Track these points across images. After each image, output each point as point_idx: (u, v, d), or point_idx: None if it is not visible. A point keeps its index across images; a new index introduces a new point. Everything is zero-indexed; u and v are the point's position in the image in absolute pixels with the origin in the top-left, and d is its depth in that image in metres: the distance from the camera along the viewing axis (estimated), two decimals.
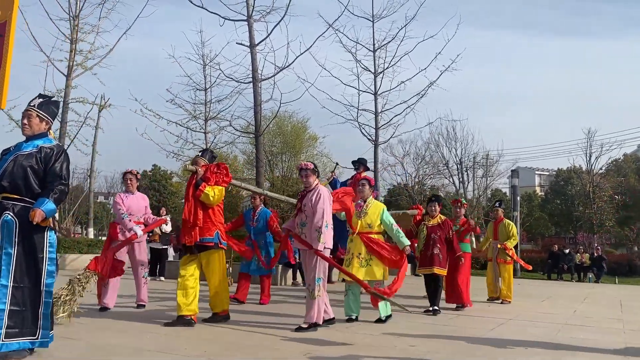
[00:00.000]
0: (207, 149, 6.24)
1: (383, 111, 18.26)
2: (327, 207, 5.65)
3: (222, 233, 5.90)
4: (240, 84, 16.13)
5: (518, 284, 14.69)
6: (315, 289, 5.54)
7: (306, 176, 5.82)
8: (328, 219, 5.63)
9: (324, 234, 5.53)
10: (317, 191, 5.70)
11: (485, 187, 34.02)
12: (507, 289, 9.06)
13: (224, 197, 5.98)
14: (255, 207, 8.31)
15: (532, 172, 58.57)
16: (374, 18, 18.09)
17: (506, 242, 9.16)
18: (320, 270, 5.59)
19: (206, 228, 5.77)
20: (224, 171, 5.93)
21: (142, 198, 7.25)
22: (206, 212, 5.81)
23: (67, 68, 16.55)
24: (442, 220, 7.60)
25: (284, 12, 14.70)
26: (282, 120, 30.48)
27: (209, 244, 5.78)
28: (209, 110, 19.05)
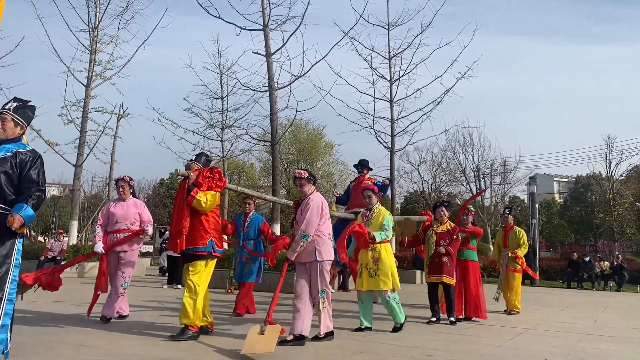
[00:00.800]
0: (201, 153, 6.01)
1: (399, 118, 18.25)
2: (314, 218, 5.39)
3: (217, 241, 5.58)
4: (257, 92, 16.27)
5: (537, 292, 14.52)
6: (320, 302, 5.42)
7: (300, 185, 5.62)
8: (309, 230, 5.35)
9: (297, 243, 5.34)
10: (307, 201, 5.50)
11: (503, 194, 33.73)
12: (515, 299, 8.79)
13: (218, 202, 5.72)
14: (247, 212, 7.93)
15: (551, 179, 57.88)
16: (390, 26, 18.13)
17: (517, 250, 8.89)
18: (322, 283, 5.44)
19: (199, 236, 5.45)
20: (217, 175, 5.61)
21: (133, 205, 6.82)
22: (198, 219, 5.50)
23: (86, 78, 16.84)
24: (452, 226, 7.41)
25: (300, 21, 14.80)
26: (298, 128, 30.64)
27: (201, 253, 5.45)
28: (225, 119, 19.25)
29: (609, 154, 32.96)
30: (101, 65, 17.14)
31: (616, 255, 22.83)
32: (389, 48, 18.21)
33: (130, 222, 6.69)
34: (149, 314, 7.27)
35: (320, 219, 5.46)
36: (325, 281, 5.45)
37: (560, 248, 39.93)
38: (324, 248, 5.46)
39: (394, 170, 18.49)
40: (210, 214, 5.58)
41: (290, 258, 5.40)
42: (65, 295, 7.05)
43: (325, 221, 5.55)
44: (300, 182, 5.61)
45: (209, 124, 19.16)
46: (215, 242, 5.54)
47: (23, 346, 4.61)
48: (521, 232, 9.11)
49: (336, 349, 5.11)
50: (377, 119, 18.23)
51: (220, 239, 5.70)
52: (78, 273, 14.34)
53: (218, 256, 5.61)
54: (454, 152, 31.84)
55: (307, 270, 5.49)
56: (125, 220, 6.64)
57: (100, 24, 17.11)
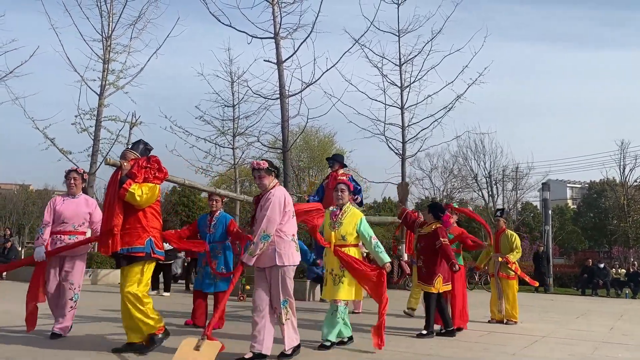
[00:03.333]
0: (139, 141, 5.21)
1: (410, 125, 18.19)
2: (275, 216, 4.71)
3: (157, 241, 4.89)
4: (268, 100, 16.34)
5: (551, 299, 14.38)
6: (283, 313, 4.75)
7: (259, 178, 4.88)
8: (270, 230, 4.67)
9: (255, 245, 4.64)
10: (268, 196, 4.79)
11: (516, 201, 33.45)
12: (511, 308, 8.22)
13: (158, 197, 4.99)
14: (213, 210, 6.99)
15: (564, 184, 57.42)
16: (400, 33, 18.12)
17: (508, 255, 8.31)
18: (285, 292, 4.76)
19: (136, 235, 4.77)
20: (156, 165, 4.91)
21: (85, 203, 5.86)
22: (135, 216, 4.81)
23: (99, 87, 17.02)
24: (434, 228, 6.68)
25: (311, 29, 14.84)
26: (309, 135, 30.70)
27: (137, 255, 4.76)
28: (237, 126, 19.34)
29: (622, 159, 32.57)
30: (114, 74, 17.33)
31: (631, 262, 22.55)
32: (399, 55, 18.21)
33: (79, 223, 5.77)
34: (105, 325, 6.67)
35: (282, 217, 4.77)
36: (288, 289, 4.79)
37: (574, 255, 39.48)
38: (287, 251, 4.77)
39: (405, 177, 18.43)
40: (149, 210, 4.91)
41: (246, 262, 4.68)
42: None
43: (289, 220, 4.87)
44: (259, 174, 4.88)
45: (220, 132, 19.26)
46: (155, 242, 4.87)
47: None
48: (514, 236, 8.56)
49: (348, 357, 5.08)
50: (388, 125, 18.20)
51: (160, 240, 5.00)
52: (91, 280, 14.42)
53: (158, 259, 4.97)
54: (465, 159, 31.67)
55: (266, 277, 4.83)
56: (73, 220, 5.72)
57: (114, 33, 17.31)
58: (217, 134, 19.13)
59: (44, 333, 5.61)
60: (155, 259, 4.92)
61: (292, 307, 4.83)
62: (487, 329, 7.46)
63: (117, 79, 17.34)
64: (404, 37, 18.17)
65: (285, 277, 4.77)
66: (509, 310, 8.23)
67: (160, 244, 4.96)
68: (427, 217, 6.84)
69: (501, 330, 7.43)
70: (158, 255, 4.91)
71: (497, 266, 8.41)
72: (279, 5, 15.17)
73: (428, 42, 17.80)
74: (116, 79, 17.33)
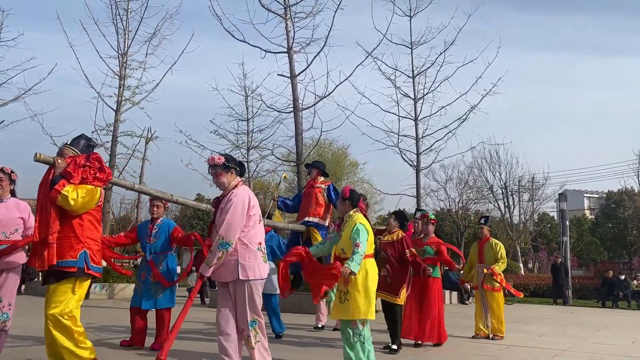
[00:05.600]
0: (81, 136, 4.47)
1: (424, 136, 18.15)
2: (237, 220, 4.07)
3: (93, 254, 4.12)
4: (282, 113, 16.39)
5: (570, 312, 14.15)
6: (251, 335, 4.09)
7: (216, 175, 4.27)
8: (230, 237, 4.02)
9: (213, 254, 4.01)
10: (229, 197, 4.18)
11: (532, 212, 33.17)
12: (497, 322, 7.69)
13: (100, 201, 4.21)
14: (154, 217, 6.18)
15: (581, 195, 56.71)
16: (413, 45, 18.15)
17: (493, 266, 7.75)
18: (252, 310, 4.10)
19: (67, 246, 4.02)
20: (96, 164, 4.16)
21: (15, 207, 4.81)
22: (68, 224, 4.06)
23: (116, 103, 17.22)
24: (399, 237, 6.31)
25: (324, 43, 14.91)
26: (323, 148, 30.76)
27: (68, 269, 3.99)
28: (251, 140, 19.44)
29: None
30: (130, 90, 17.52)
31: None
32: (412, 67, 18.22)
33: (11, 230, 4.70)
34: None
35: (247, 222, 4.13)
36: (256, 308, 4.13)
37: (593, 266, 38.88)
38: (252, 263, 4.09)
39: (420, 188, 18.35)
40: (86, 218, 4.15)
41: (202, 273, 4.07)
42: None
43: (254, 225, 4.19)
44: (214, 172, 4.26)
45: (234, 145, 19.39)
46: (91, 256, 4.11)
47: None
48: (498, 245, 8.01)
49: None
50: (402, 137, 18.17)
51: (99, 253, 4.22)
52: (108, 295, 14.50)
53: (94, 275, 4.17)
54: (480, 169, 31.56)
55: (229, 294, 4.19)
56: (4, 227, 4.65)
57: (129, 50, 17.53)
58: (232, 147, 19.25)
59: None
60: (90, 276, 4.14)
61: (262, 327, 4.17)
62: (505, 342, 7.34)
63: (133, 94, 17.55)
64: (416, 49, 18.20)
65: (252, 294, 4.10)
66: (495, 325, 7.71)
67: (97, 258, 4.18)
68: (392, 224, 6.44)
69: (519, 343, 7.31)
70: (93, 272, 4.12)
71: (482, 278, 7.87)
72: (292, 20, 15.29)
73: (441, 54, 17.82)
74: (132, 95, 17.54)
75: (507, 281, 8.40)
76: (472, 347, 6.93)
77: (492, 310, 7.76)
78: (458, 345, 7.07)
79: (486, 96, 17.77)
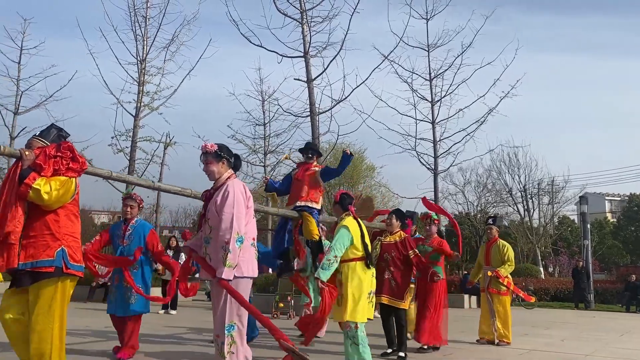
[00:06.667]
0: (51, 125, 4.15)
1: (442, 139, 18.07)
2: (241, 210, 3.78)
3: (72, 251, 3.75)
4: (298, 117, 16.46)
5: (593, 316, 13.91)
6: (225, 342, 3.65)
7: (207, 164, 3.94)
8: (240, 229, 3.72)
9: (233, 253, 3.65)
10: (224, 189, 3.85)
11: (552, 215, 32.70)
12: (503, 327, 7.43)
13: (76, 194, 3.84)
14: (127, 218, 5.77)
15: (602, 197, 55.86)
16: (429, 48, 18.11)
17: (499, 269, 7.51)
18: (232, 313, 3.71)
19: (42, 245, 3.66)
20: (68, 153, 3.81)
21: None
22: (42, 220, 3.70)
23: (135, 109, 17.45)
24: (402, 237, 6.09)
25: (340, 46, 14.93)
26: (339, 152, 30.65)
27: (44, 270, 3.61)
28: (268, 144, 19.57)
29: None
30: (149, 96, 17.74)
31: None
32: (429, 69, 18.18)
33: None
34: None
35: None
36: (239, 309, 3.71)
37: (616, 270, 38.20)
38: (246, 258, 3.83)
39: (437, 192, 18.25)
40: (62, 212, 3.78)
41: (226, 278, 3.65)
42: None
43: (250, 220, 3.94)
44: (205, 159, 3.95)
45: (252, 150, 19.54)
46: (70, 253, 3.73)
47: None
48: (506, 247, 7.73)
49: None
50: (420, 140, 18.13)
51: (79, 250, 3.87)
52: None
53: (75, 275, 3.77)
54: (499, 172, 31.22)
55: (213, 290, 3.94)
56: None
57: (148, 56, 17.76)
58: (249, 152, 19.41)
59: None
60: (71, 275, 3.72)
61: (242, 336, 3.73)
62: (526, 347, 7.24)
63: (151, 100, 17.77)
64: (433, 52, 18.16)
65: (236, 292, 3.69)
66: (501, 330, 7.43)
67: (77, 256, 3.80)
68: (395, 224, 6.16)
69: (540, 348, 7.20)
70: (74, 271, 3.73)
71: (488, 280, 7.65)
72: (308, 25, 15.35)
73: (458, 56, 17.78)
74: (151, 101, 17.76)
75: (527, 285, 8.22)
76: (493, 352, 6.84)
77: (499, 314, 7.49)
78: (477, 350, 7.00)
79: (504, 98, 17.67)
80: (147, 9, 17.78)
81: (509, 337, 7.43)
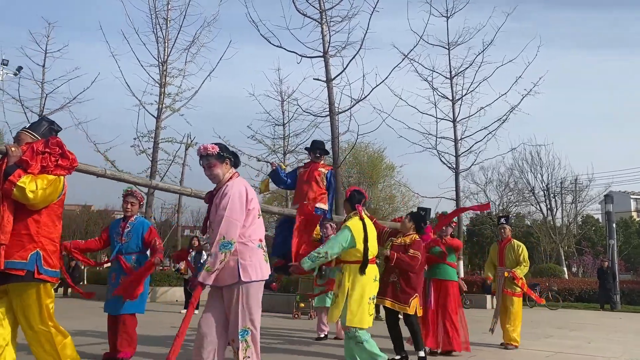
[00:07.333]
0: (42, 118, 4.01)
1: (463, 138, 17.95)
2: (236, 214, 3.57)
3: (47, 255, 3.58)
4: (317, 117, 16.49)
5: (619, 318, 13.63)
6: (240, 348, 3.54)
7: (209, 167, 3.73)
8: (232, 234, 3.53)
9: (213, 258, 3.48)
10: (223, 190, 3.67)
11: (576, 214, 32.20)
12: (513, 329, 7.17)
13: (63, 194, 3.71)
14: (127, 215, 5.66)
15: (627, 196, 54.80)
16: (450, 46, 17.99)
17: (515, 270, 7.27)
18: (245, 318, 3.56)
19: (17, 245, 3.48)
20: (57, 149, 3.64)
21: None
22: (22, 221, 3.53)
23: (156, 110, 17.65)
24: (412, 240, 5.72)
25: (359, 46, 14.91)
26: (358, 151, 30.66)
27: (14, 272, 3.45)
28: (287, 144, 19.63)
29: None
30: (170, 97, 17.94)
31: None
32: (450, 67, 18.07)
33: None
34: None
35: (246, 217, 3.64)
36: (252, 314, 3.58)
37: None
38: (253, 261, 3.61)
39: (459, 191, 18.10)
40: (45, 213, 3.61)
41: (203, 281, 3.50)
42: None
43: (254, 220, 3.71)
44: (207, 163, 3.73)
45: (271, 150, 19.63)
46: (45, 257, 3.56)
47: None
48: (521, 247, 7.47)
49: None
50: (440, 139, 18.03)
51: (55, 255, 3.68)
52: (150, 298, 14.80)
53: (49, 281, 3.59)
54: (521, 171, 30.85)
55: (221, 297, 3.66)
56: None
57: (169, 58, 17.95)
58: (269, 152, 19.50)
59: None
60: (42, 281, 3.54)
61: (255, 340, 3.59)
62: (552, 349, 7.12)
63: (173, 102, 17.97)
64: (454, 50, 18.06)
65: (249, 297, 3.57)
66: (509, 333, 7.16)
67: (53, 261, 3.62)
68: (407, 225, 5.87)
69: (567, 350, 7.06)
70: (46, 276, 3.55)
71: (502, 281, 7.39)
72: (327, 25, 15.35)
73: (479, 54, 17.65)
74: (172, 102, 17.95)
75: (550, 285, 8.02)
76: (516, 354, 6.75)
77: (510, 316, 7.25)
78: (500, 352, 6.91)
79: (527, 96, 17.47)
80: (168, 11, 17.98)
81: (517, 340, 7.17)
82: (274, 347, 6.82)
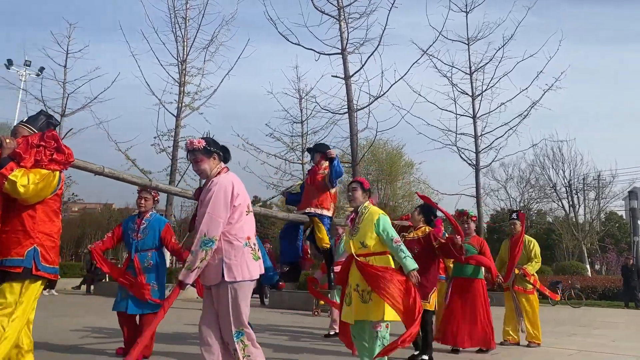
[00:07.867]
0: (40, 112, 3.93)
1: (483, 134, 17.76)
2: (219, 211, 3.48)
3: (45, 251, 3.52)
4: (336, 114, 16.46)
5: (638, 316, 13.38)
6: (238, 349, 3.50)
7: (195, 162, 3.65)
8: (213, 232, 3.44)
9: (193, 256, 3.42)
10: (208, 186, 3.60)
11: (599, 211, 31.67)
12: (532, 327, 6.99)
13: (59, 189, 3.63)
14: (142, 211, 5.55)
15: None
16: (470, 41, 17.81)
17: (526, 266, 7.13)
18: (236, 319, 3.50)
19: (13, 241, 3.43)
20: (52, 143, 3.54)
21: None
22: (17, 215, 3.47)
23: (176, 109, 17.82)
24: (425, 233, 5.68)
25: (378, 42, 14.84)
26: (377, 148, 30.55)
27: (11, 269, 3.41)
28: (305, 142, 19.63)
29: None
30: (189, 96, 18.11)
31: None
32: (469, 63, 17.88)
33: None
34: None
35: (231, 214, 3.53)
36: (242, 316, 3.52)
37: None
38: (239, 261, 3.51)
39: (479, 188, 17.92)
40: (40, 208, 3.53)
41: (183, 280, 3.46)
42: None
43: (241, 217, 3.60)
44: (194, 157, 3.64)
45: (290, 148, 19.67)
46: (43, 253, 3.51)
47: None
48: (532, 243, 7.32)
49: None
50: (460, 135, 17.87)
51: (53, 250, 3.61)
52: None
53: (46, 277, 3.56)
54: (542, 167, 30.46)
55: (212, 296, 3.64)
56: None
57: (188, 57, 18.13)
58: (287, 150, 19.56)
59: None
60: (40, 278, 3.51)
61: (251, 337, 3.57)
62: (576, 348, 7.00)
63: (192, 100, 18.13)
64: (473, 45, 17.86)
65: (237, 299, 3.50)
66: (530, 331, 6.99)
67: (51, 257, 3.56)
68: (417, 218, 5.82)
69: (590, 349, 6.94)
70: (44, 273, 3.50)
71: (513, 278, 7.20)
72: (345, 21, 15.30)
73: (499, 49, 17.43)
74: (191, 101, 18.12)
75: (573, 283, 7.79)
76: (540, 352, 6.66)
77: (527, 314, 7.09)
78: (524, 351, 6.82)
79: (548, 91, 17.23)
80: (186, 10, 18.13)
81: (539, 337, 7.01)
82: (285, 347, 6.83)
